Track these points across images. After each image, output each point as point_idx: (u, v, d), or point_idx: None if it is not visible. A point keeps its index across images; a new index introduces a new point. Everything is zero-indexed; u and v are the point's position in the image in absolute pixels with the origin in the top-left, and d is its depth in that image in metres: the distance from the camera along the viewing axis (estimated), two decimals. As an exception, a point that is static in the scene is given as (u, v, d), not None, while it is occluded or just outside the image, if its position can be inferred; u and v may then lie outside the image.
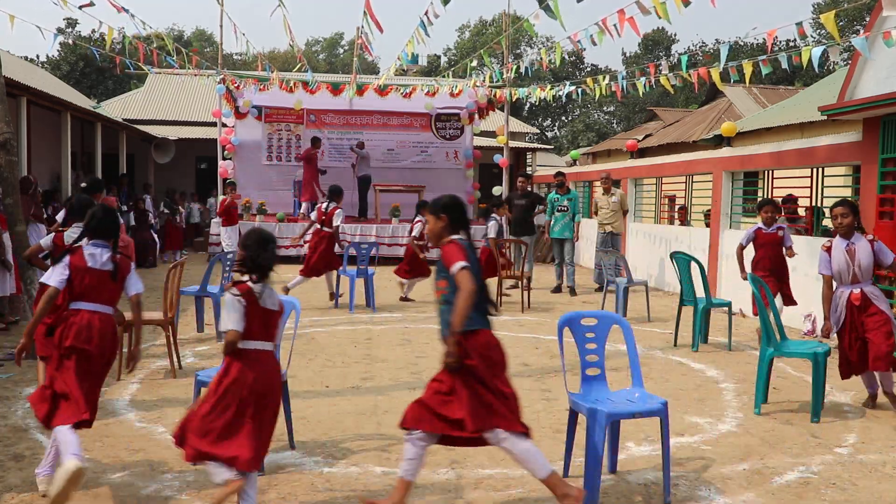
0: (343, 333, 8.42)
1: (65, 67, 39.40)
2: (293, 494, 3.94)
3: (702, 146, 16.02)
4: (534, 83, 16.46)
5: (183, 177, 22.75)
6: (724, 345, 8.08)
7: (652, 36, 53.24)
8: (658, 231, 13.10)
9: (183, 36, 57.70)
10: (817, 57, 7.46)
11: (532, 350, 7.70)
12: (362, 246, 10.26)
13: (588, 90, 12.11)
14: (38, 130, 14.76)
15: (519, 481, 4.17)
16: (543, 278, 13.56)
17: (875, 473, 4.40)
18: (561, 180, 12.18)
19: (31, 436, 4.78)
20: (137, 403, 5.55)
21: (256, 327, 3.52)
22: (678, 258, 8.25)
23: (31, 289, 7.46)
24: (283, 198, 17.98)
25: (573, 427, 4.21)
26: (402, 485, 3.60)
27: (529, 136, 31.26)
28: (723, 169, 11.03)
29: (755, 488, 4.13)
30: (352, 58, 19.67)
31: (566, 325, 4.22)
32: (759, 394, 5.62)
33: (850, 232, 5.57)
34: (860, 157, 7.97)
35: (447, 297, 3.65)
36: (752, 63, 8.74)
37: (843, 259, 5.53)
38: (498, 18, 51.00)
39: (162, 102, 25.61)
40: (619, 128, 50.73)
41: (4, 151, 7.48)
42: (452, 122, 19.45)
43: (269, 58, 45.31)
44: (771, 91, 24.58)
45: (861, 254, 5.51)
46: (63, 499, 3.46)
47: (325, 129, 18.90)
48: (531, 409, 5.55)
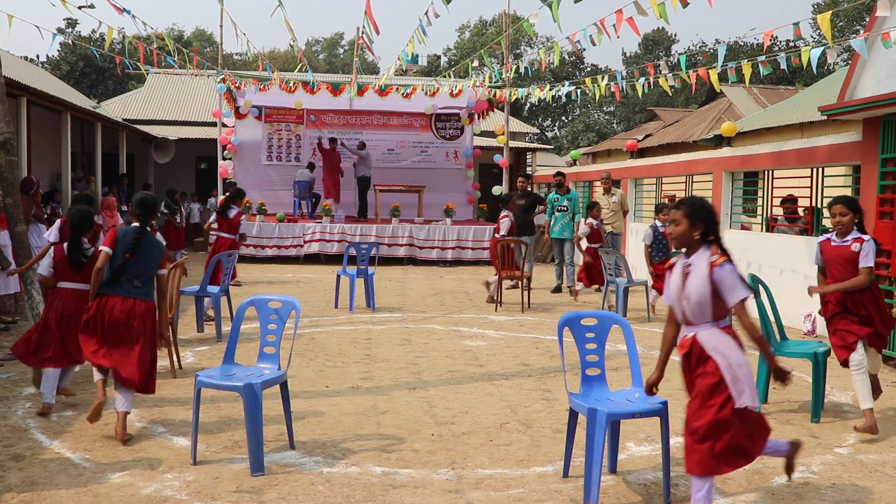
0: (343, 333, 8.42)
1: (65, 67, 39.40)
2: (293, 494, 3.94)
3: (702, 146, 16.01)
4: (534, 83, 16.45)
5: (183, 177, 22.75)
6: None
7: (652, 36, 53.24)
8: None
9: (183, 36, 57.71)
10: (816, 58, 7.46)
11: (532, 350, 7.70)
12: (362, 246, 10.25)
13: (587, 90, 12.11)
14: (38, 130, 14.76)
15: (519, 481, 4.17)
16: (543, 278, 13.57)
17: (875, 473, 4.40)
18: (560, 180, 12.19)
19: (31, 436, 4.78)
20: (137, 403, 5.55)
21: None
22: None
23: (32, 289, 7.45)
24: (283, 198, 18.00)
25: (573, 427, 4.21)
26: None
27: (529, 136, 31.26)
28: (723, 169, 11.03)
29: (755, 488, 4.13)
30: (352, 58, 19.66)
31: (566, 325, 4.22)
32: (760, 394, 5.62)
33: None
34: (860, 157, 7.97)
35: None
36: (750, 64, 8.73)
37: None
38: (498, 18, 51.03)
39: (162, 102, 25.61)
40: (619, 128, 50.73)
41: (4, 151, 7.48)
42: (452, 122, 19.46)
43: (270, 58, 45.35)
44: (771, 91, 24.58)
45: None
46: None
47: (325, 129, 18.91)
48: (531, 409, 5.56)
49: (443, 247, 16.01)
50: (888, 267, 7.27)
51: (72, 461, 4.35)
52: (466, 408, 5.54)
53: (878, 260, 7.37)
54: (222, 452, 4.53)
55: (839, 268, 5.26)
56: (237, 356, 4.84)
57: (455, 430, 5.05)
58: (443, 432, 4.98)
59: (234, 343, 4.76)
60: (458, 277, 14.01)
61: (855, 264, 5.18)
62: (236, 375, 4.52)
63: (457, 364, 7.01)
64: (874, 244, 5.23)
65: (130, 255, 4.86)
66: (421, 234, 15.99)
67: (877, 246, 5.40)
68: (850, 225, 5.24)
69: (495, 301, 10.43)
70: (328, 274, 13.59)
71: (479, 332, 8.61)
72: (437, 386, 6.18)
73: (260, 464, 4.22)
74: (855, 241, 5.20)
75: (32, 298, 7.43)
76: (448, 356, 7.34)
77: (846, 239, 5.25)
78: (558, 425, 5.09)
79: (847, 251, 5.20)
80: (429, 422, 5.21)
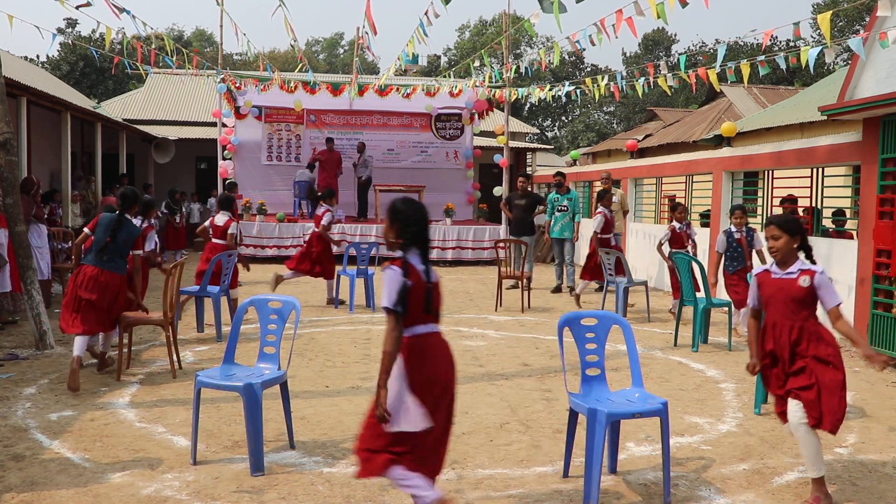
0: (343, 333, 8.42)
1: (65, 67, 39.40)
2: (293, 494, 3.94)
3: (702, 146, 16.01)
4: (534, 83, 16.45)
5: (183, 177, 22.75)
6: (724, 345, 8.09)
7: (652, 36, 53.25)
8: (658, 231, 13.10)
9: (183, 36, 57.70)
10: (813, 58, 7.45)
11: (532, 350, 7.70)
12: (362, 246, 10.25)
13: (587, 90, 12.11)
14: (38, 130, 14.75)
15: (519, 481, 4.17)
16: (543, 278, 13.57)
17: (875, 473, 4.40)
18: (561, 180, 12.19)
19: (31, 436, 4.78)
20: (137, 403, 5.56)
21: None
22: (678, 258, 8.26)
23: (31, 289, 7.46)
24: (283, 198, 18.00)
25: (573, 427, 4.21)
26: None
27: (529, 136, 31.25)
28: (723, 169, 11.03)
29: (755, 488, 4.13)
30: (352, 58, 19.66)
31: (566, 325, 4.22)
32: (759, 394, 5.62)
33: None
34: (860, 157, 7.96)
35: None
36: (749, 64, 8.73)
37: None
38: (498, 18, 51.03)
39: (162, 102, 25.61)
40: (619, 128, 50.73)
41: (4, 151, 7.48)
42: (452, 122, 19.45)
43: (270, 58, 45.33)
44: (771, 91, 24.59)
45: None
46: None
47: (325, 129, 18.91)
48: (531, 409, 5.56)
49: (443, 247, 16.01)
50: (888, 267, 7.27)
51: (72, 461, 4.35)
52: (466, 408, 5.54)
53: (879, 260, 7.40)
54: (222, 452, 4.53)
55: (781, 307, 4.05)
56: (237, 356, 4.84)
57: (455, 430, 5.03)
58: (443, 432, 4.98)
59: (234, 343, 4.76)
60: (458, 277, 14.00)
61: (803, 304, 4.00)
62: (236, 375, 4.52)
63: (457, 364, 6.99)
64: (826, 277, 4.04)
65: (111, 239, 6.07)
66: (421, 234, 15.97)
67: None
68: (786, 250, 4.05)
69: (578, 301, 10.41)
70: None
71: (479, 332, 8.61)
72: (437, 386, 6.17)
73: (260, 464, 4.22)
74: (803, 273, 4.01)
75: (33, 298, 7.43)
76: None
77: (790, 270, 4.06)
78: (558, 425, 5.09)
79: (793, 286, 4.02)
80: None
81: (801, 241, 4.06)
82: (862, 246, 7.77)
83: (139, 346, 7.45)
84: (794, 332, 4.01)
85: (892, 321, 7.16)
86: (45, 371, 6.48)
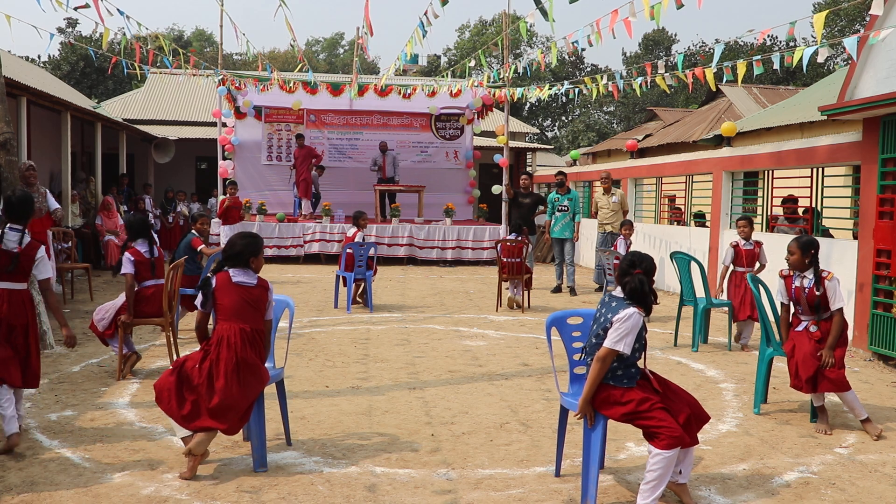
0: (342, 333, 8.42)
1: (65, 67, 39.41)
2: (293, 494, 3.94)
3: (702, 146, 16.01)
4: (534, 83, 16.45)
5: (183, 177, 22.75)
6: (724, 345, 8.09)
7: (652, 36, 53.25)
8: (658, 231, 13.10)
9: (183, 36, 57.71)
10: (807, 57, 7.44)
11: (532, 350, 7.70)
12: (361, 246, 10.24)
13: (585, 90, 12.11)
14: (38, 130, 14.75)
15: (519, 481, 4.17)
16: (543, 278, 13.57)
17: (875, 473, 4.40)
18: (562, 180, 12.19)
19: (31, 436, 4.78)
20: (137, 403, 5.56)
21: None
22: (678, 258, 8.25)
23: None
24: (283, 198, 18.01)
25: (563, 425, 4.22)
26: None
27: (529, 136, 31.25)
28: (723, 169, 11.03)
29: (755, 488, 4.13)
30: (352, 58, 19.65)
31: (553, 325, 4.25)
32: (759, 394, 5.62)
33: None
34: (860, 157, 7.96)
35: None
36: (745, 63, 8.72)
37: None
38: (498, 19, 51.01)
39: (162, 102, 25.61)
40: (619, 128, 50.72)
41: (4, 151, 7.48)
42: (452, 122, 19.46)
43: (270, 58, 45.35)
44: (771, 91, 24.57)
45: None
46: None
47: (325, 129, 18.92)
48: (531, 409, 5.56)
49: (443, 247, 16.01)
50: (888, 267, 7.27)
51: (72, 461, 4.35)
52: (466, 408, 5.54)
53: (879, 260, 7.40)
54: (222, 452, 4.53)
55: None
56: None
57: (455, 430, 5.05)
58: (442, 432, 4.98)
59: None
60: (458, 277, 14.00)
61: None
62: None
63: (456, 364, 7.01)
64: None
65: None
66: (421, 234, 16.00)
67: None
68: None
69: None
70: (328, 274, 13.60)
71: (479, 332, 8.61)
72: (437, 386, 6.18)
73: (263, 459, 4.24)
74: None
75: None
76: (448, 356, 7.34)
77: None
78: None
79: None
80: (428, 422, 5.21)
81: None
82: (862, 246, 7.77)
83: (139, 346, 7.43)
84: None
85: (892, 321, 7.16)
86: (45, 371, 6.47)
